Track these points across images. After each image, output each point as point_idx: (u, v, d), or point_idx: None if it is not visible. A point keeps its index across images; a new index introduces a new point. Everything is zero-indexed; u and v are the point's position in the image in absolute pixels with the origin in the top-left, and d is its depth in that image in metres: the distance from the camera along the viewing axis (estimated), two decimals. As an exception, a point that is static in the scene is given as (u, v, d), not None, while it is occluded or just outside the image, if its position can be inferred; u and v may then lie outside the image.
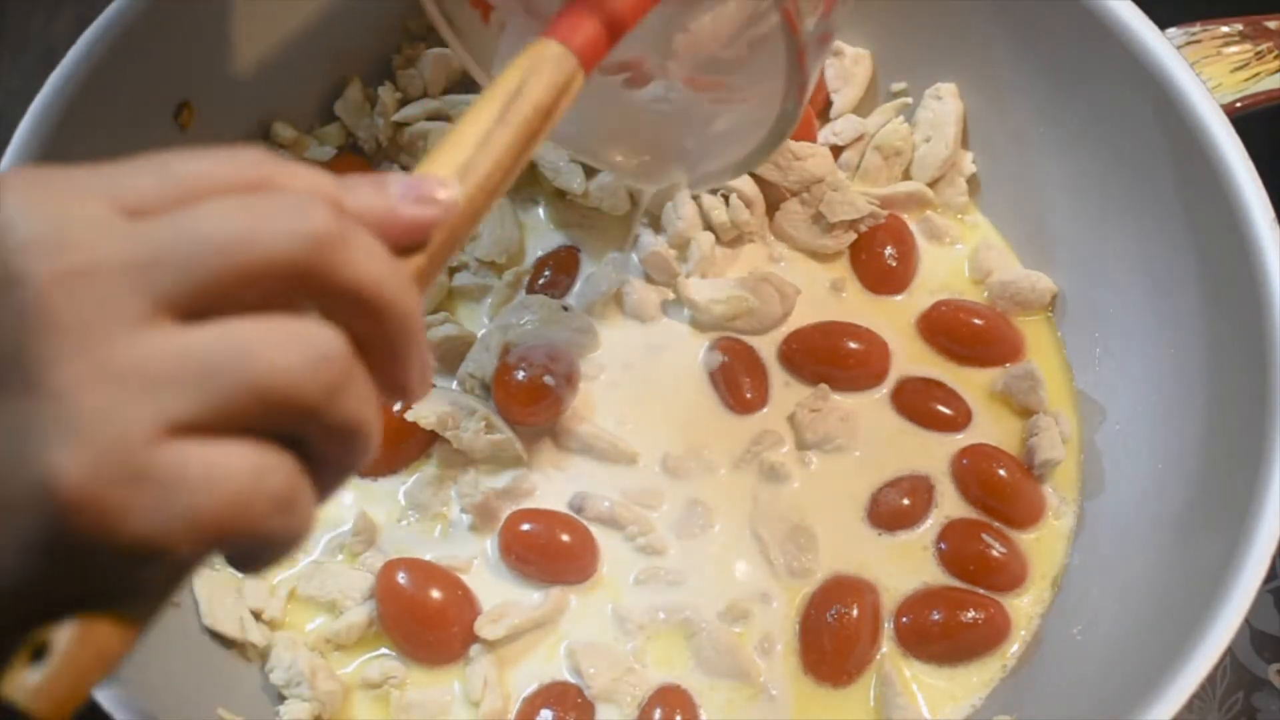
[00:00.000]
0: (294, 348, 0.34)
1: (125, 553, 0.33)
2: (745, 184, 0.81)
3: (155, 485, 0.33)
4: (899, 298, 0.82)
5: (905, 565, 0.73)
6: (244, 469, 0.34)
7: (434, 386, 0.39)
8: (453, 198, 0.41)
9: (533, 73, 0.48)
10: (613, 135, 0.71)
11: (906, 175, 0.85)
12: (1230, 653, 0.73)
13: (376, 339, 0.37)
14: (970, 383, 0.79)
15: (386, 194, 0.39)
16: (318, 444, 0.36)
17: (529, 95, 0.47)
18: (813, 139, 0.84)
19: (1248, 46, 0.73)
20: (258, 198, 0.35)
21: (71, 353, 0.32)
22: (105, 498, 0.32)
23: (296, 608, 0.72)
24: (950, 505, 0.75)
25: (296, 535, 0.36)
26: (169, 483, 0.33)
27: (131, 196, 0.35)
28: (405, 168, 0.83)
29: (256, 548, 0.35)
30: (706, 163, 0.65)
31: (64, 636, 0.33)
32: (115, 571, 0.34)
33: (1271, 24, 0.73)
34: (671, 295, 0.80)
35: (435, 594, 0.71)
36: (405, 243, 0.40)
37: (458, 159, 0.43)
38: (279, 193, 0.36)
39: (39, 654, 0.33)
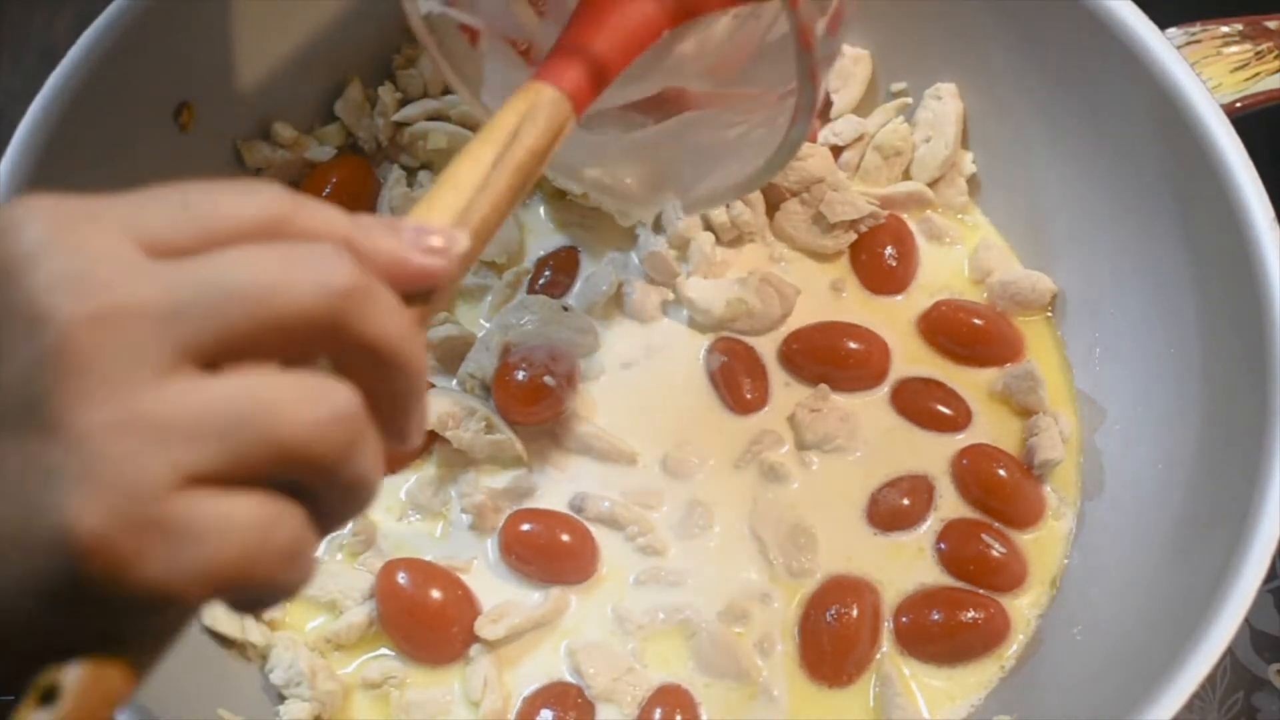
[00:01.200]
0: (313, 406, 0.35)
1: (137, 600, 0.33)
2: (745, 184, 0.81)
3: (169, 536, 0.33)
4: (899, 298, 0.82)
5: (905, 565, 0.73)
6: (255, 522, 0.34)
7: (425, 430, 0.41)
8: (461, 250, 0.41)
9: (528, 117, 0.49)
10: (602, 160, 0.71)
11: (906, 175, 0.85)
12: (1230, 653, 0.73)
13: (386, 392, 0.37)
14: (970, 383, 0.79)
15: (400, 240, 0.39)
16: (325, 496, 0.36)
17: (524, 140, 0.48)
18: (813, 139, 0.84)
19: (1248, 46, 0.73)
20: (283, 248, 0.35)
21: (95, 399, 0.32)
22: (120, 546, 0.32)
23: (296, 608, 0.72)
24: (950, 505, 0.75)
25: (300, 584, 0.36)
26: (183, 534, 0.33)
27: (155, 234, 0.35)
28: (405, 168, 0.83)
29: (261, 596, 0.36)
30: (700, 185, 0.65)
31: (73, 679, 0.34)
32: (125, 618, 0.34)
33: (1271, 24, 0.73)
34: (671, 295, 0.80)
35: (435, 594, 0.71)
36: (410, 290, 0.39)
37: (457, 204, 0.44)
38: (302, 242, 0.36)
39: (48, 696, 0.33)
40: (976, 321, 0.80)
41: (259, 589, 0.35)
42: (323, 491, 0.36)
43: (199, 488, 0.33)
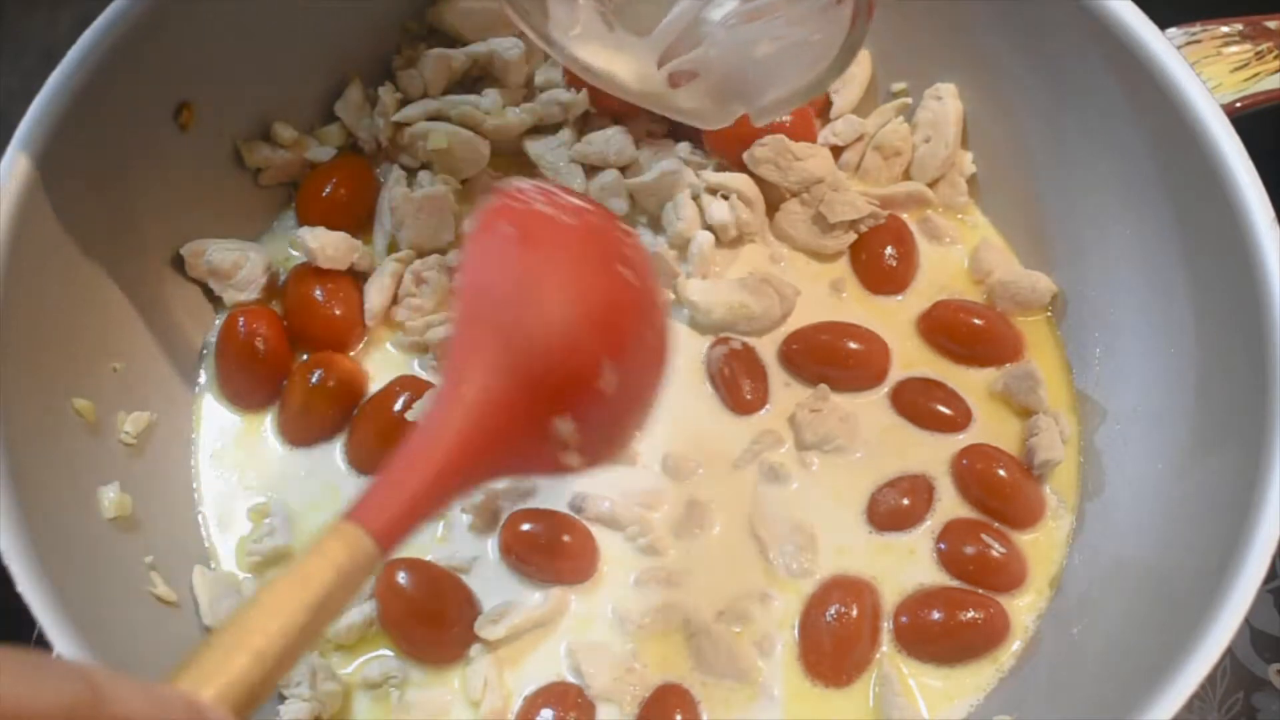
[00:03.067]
0: None
1: None
2: (745, 184, 0.81)
3: None
4: (899, 298, 0.82)
5: (905, 565, 0.73)
6: None
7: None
8: None
9: (343, 582, 0.47)
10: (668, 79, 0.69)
11: (906, 175, 0.85)
12: (1230, 653, 0.73)
13: None
14: (970, 383, 0.79)
15: None
16: None
17: (332, 609, 0.46)
18: (813, 139, 0.84)
19: (1248, 46, 0.73)
20: None
21: None
22: None
23: (296, 608, 0.72)
24: (950, 505, 0.75)
25: None
26: None
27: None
28: (405, 168, 0.83)
29: None
30: (768, 93, 0.65)
31: None
32: None
33: (1271, 24, 0.73)
34: (672, 296, 0.80)
35: (435, 594, 0.71)
36: None
37: (255, 675, 0.43)
38: None
39: None
40: (976, 321, 0.80)
41: None
42: None
43: None
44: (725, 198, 0.81)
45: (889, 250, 0.82)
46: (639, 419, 0.59)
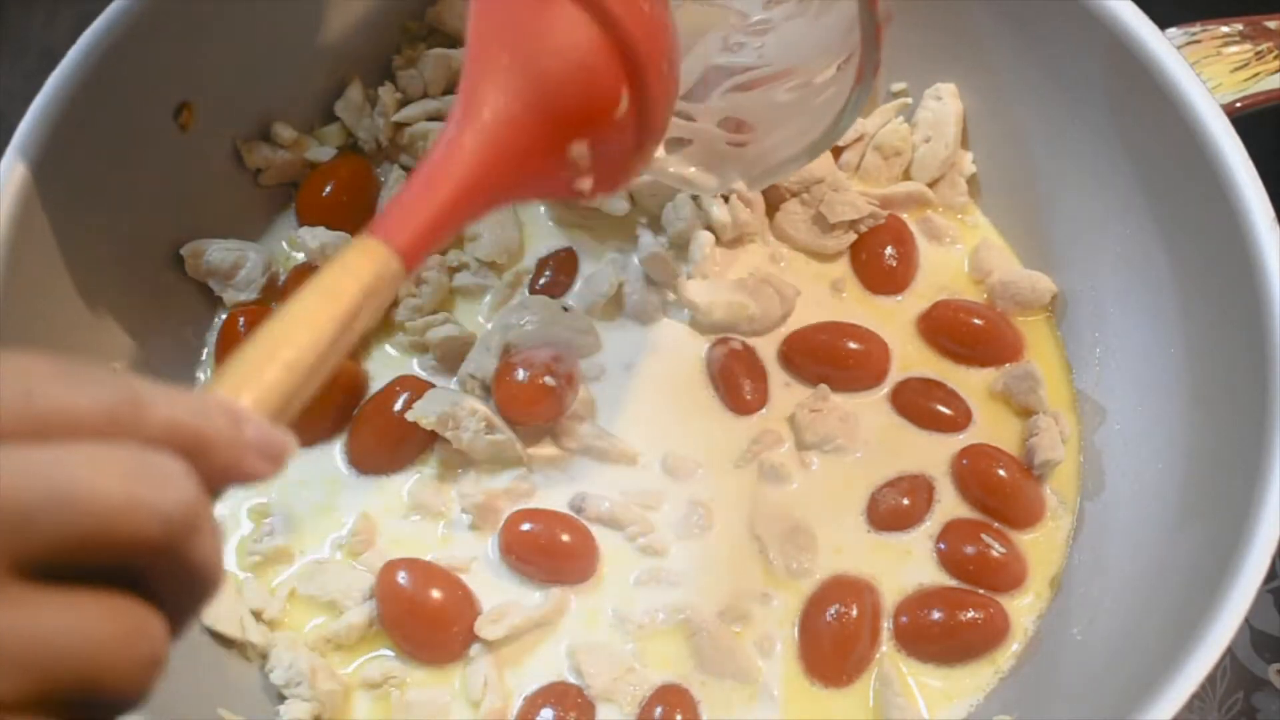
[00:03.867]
0: (127, 649, 0.34)
1: None
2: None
3: None
4: (899, 298, 0.82)
5: (905, 565, 0.73)
6: None
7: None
8: (290, 458, 0.39)
9: (373, 294, 0.47)
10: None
11: (906, 175, 0.85)
12: (1230, 653, 0.73)
13: (182, 603, 0.37)
14: (970, 383, 0.79)
15: (243, 440, 0.38)
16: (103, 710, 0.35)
17: (363, 322, 0.46)
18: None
19: (1248, 46, 0.73)
20: (126, 458, 0.34)
21: None
22: None
23: (296, 608, 0.72)
24: (950, 505, 0.75)
25: None
26: None
27: None
28: (406, 168, 0.83)
29: None
30: (763, 160, 0.64)
31: None
32: None
33: (1271, 24, 0.73)
34: (671, 296, 0.80)
35: (435, 594, 0.71)
36: (230, 480, 0.38)
37: (288, 386, 0.42)
38: (145, 453, 0.34)
39: None
40: (976, 321, 0.80)
41: None
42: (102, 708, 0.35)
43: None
44: (725, 198, 0.81)
45: (889, 250, 0.82)
46: (650, 148, 0.60)
